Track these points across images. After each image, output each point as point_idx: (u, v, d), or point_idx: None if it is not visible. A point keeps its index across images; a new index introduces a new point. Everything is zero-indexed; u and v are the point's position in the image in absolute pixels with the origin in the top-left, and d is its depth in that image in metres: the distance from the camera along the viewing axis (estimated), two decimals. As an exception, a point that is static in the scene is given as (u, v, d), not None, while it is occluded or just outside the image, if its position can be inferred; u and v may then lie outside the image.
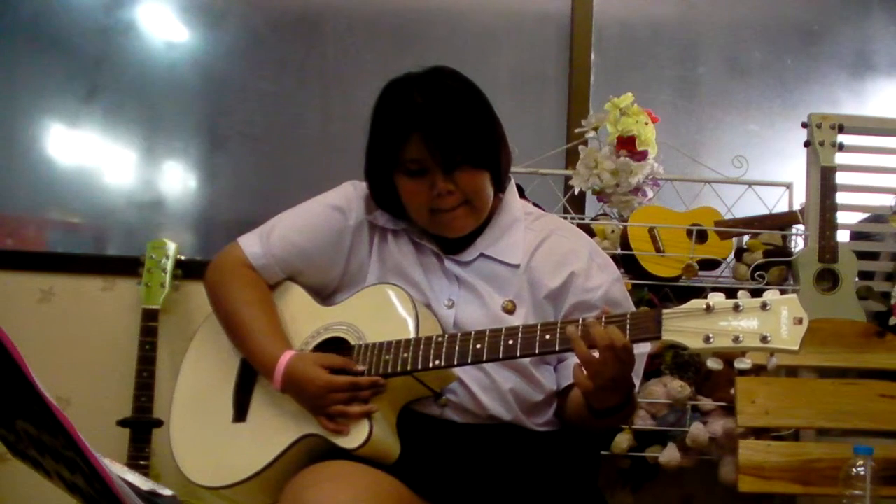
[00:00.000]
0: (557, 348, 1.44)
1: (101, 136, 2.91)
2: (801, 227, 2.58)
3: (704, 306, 1.35)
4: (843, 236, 2.57)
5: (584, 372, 1.41)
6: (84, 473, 0.97)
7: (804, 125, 2.52)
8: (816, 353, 2.22)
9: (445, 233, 1.63)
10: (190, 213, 2.94)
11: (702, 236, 2.52)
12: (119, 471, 1.03)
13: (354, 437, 1.50)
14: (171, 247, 2.63)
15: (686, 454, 2.40)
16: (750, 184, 2.66)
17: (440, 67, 1.63)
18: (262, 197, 2.89)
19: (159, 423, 2.46)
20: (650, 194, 2.57)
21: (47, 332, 2.67)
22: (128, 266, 2.66)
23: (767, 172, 2.77)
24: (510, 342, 1.47)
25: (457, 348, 1.49)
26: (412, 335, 1.53)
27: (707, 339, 1.33)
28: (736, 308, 1.34)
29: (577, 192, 2.60)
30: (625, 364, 1.40)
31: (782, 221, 2.60)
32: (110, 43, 2.90)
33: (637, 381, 1.65)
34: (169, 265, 2.61)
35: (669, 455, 2.39)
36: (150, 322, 2.54)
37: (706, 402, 2.41)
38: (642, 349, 1.62)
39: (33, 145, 2.88)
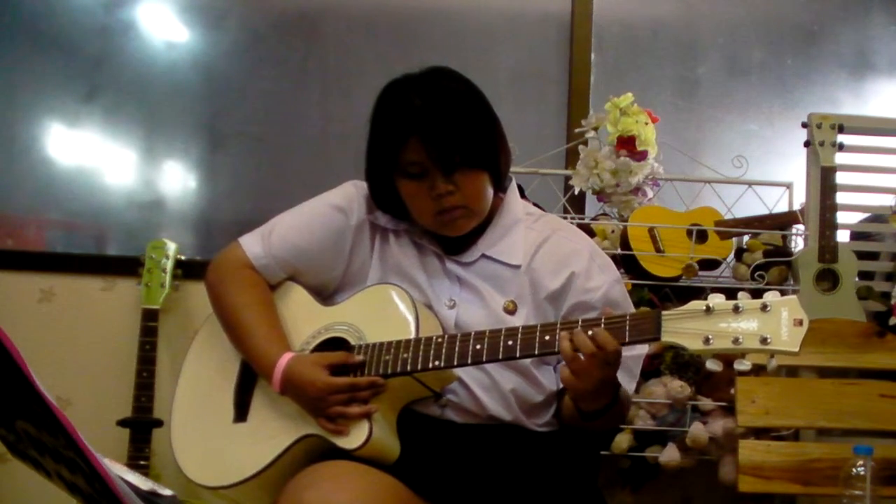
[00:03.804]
0: (557, 349, 1.44)
1: (101, 136, 2.91)
2: (801, 227, 2.58)
3: (704, 307, 1.35)
4: (843, 236, 2.57)
5: (569, 370, 1.41)
6: (84, 473, 0.97)
7: (804, 125, 2.52)
8: (816, 353, 2.22)
9: (446, 232, 1.64)
10: (190, 213, 2.93)
11: (702, 236, 2.52)
12: (119, 471, 1.03)
13: (354, 438, 1.50)
14: (171, 247, 2.63)
15: (686, 454, 2.40)
16: (750, 184, 2.66)
17: (438, 68, 1.63)
18: (262, 197, 2.89)
19: (159, 423, 2.46)
20: (650, 194, 2.57)
21: (47, 332, 2.67)
22: (128, 266, 2.66)
23: (767, 172, 2.77)
24: (510, 343, 1.47)
25: (456, 349, 1.50)
26: (412, 335, 1.53)
27: (707, 341, 1.33)
28: (736, 309, 1.33)
29: (577, 192, 2.60)
30: (610, 366, 1.41)
31: (782, 221, 2.61)
32: (110, 43, 2.90)
33: (633, 382, 1.66)
34: (169, 265, 2.61)
35: (669, 455, 2.39)
36: (150, 322, 2.54)
37: (706, 402, 2.41)
38: (640, 350, 1.63)
39: (33, 145, 2.88)
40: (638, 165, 2.48)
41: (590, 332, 1.39)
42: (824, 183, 2.44)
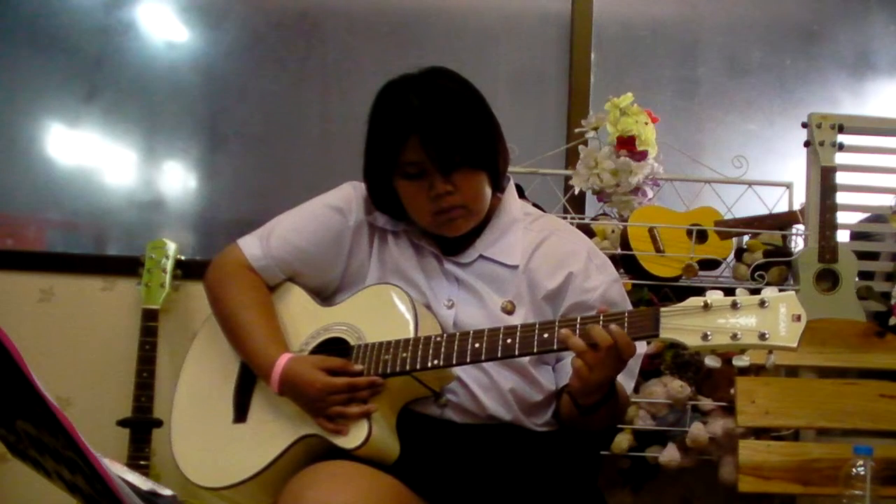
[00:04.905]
0: (555, 347, 1.44)
1: (101, 136, 2.92)
2: (801, 227, 2.57)
3: (702, 304, 1.35)
4: (843, 236, 2.57)
5: (582, 362, 1.41)
6: (84, 473, 0.97)
7: (804, 125, 2.52)
8: (816, 352, 2.22)
9: (444, 232, 1.64)
10: (190, 213, 2.94)
11: (702, 236, 2.52)
12: (119, 471, 1.03)
13: (353, 438, 1.50)
14: (171, 247, 2.64)
15: (686, 454, 2.40)
16: (750, 184, 2.66)
17: (436, 68, 1.63)
18: (262, 197, 2.89)
19: (159, 423, 2.46)
20: (650, 194, 2.57)
21: (47, 332, 2.67)
22: (128, 266, 2.66)
23: (767, 172, 2.77)
24: (508, 341, 1.47)
25: (455, 348, 1.50)
26: (411, 335, 1.53)
27: (705, 337, 1.33)
28: (734, 305, 1.34)
29: (577, 192, 2.60)
30: (622, 362, 1.41)
31: (782, 221, 2.60)
32: (110, 43, 2.90)
33: (632, 381, 1.67)
34: (169, 265, 2.61)
35: (669, 455, 2.39)
36: (150, 322, 2.54)
37: (706, 402, 2.41)
38: (639, 349, 1.63)
39: (33, 145, 2.89)
40: (638, 165, 2.48)
41: (612, 327, 1.39)
42: (824, 183, 2.44)
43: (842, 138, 2.46)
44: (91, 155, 2.91)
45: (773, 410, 2.18)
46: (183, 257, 2.66)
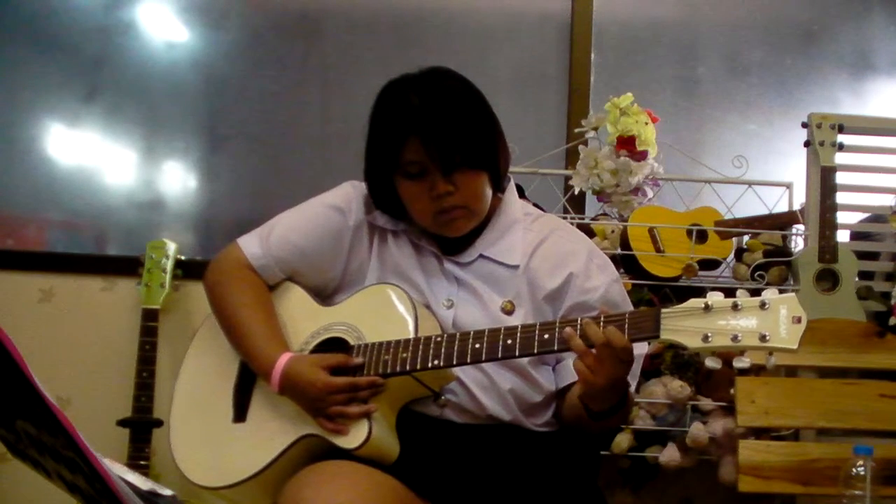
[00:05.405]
0: (556, 347, 1.44)
1: (101, 136, 2.91)
2: (801, 227, 2.58)
3: (703, 305, 1.35)
4: (843, 236, 2.57)
5: (583, 365, 1.41)
6: (84, 473, 0.97)
7: (804, 125, 2.52)
8: (816, 353, 2.22)
9: (445, 232, 1.64)
10: (190, 213, 2.94)
11: (702, 236, 2.52)
12: (119, 471, 1.03)
13: (354, 437, 1.50)
14: (171, 247, 2.64)
15: (686, 454, 2.40)
16: (750, 184, 2.66)
17: (437, 68, 1.63)
18: (262, 197, 2.89)
19: (159, 423, 2.46)
20: (650, 194, 2.57)
21: (47, 332, 2.67)
22: (128, 266, 2.66)
23: (767, 172, 2.77)
24: (509, 342, 1.47)
25: (456, 348, 1.49)
26: (411, 335, 1.53)
27: (706, 339, 1.33)
28: (735, 307, 1.33)
29: (577, 192, 2.60)
30: (624, 363, 1.40)
31: (782, 221, 2.60)
32: (110, 43, 2.90)
33: (634, 382, 1.66)
34: (169, 265, 2.61)
35: (669, 455, 2.39)
36: (150, 322, 2.54)
37: (706, 402, 2.41)
38: (640, 349, 1.63)
39: (33, 145, 2.89)
40: (638, 165, 2.48)
41: (601, 324, 1.39)
42: (824, 183, 2.44)
43: (842, 138, 2.46)
44: (91, 155, 2.91)
45: (772, 410, 2.19)
46: (183, 257, 2.66)
